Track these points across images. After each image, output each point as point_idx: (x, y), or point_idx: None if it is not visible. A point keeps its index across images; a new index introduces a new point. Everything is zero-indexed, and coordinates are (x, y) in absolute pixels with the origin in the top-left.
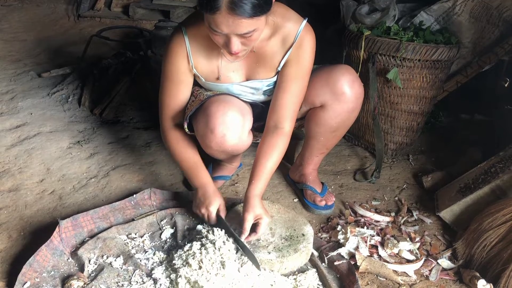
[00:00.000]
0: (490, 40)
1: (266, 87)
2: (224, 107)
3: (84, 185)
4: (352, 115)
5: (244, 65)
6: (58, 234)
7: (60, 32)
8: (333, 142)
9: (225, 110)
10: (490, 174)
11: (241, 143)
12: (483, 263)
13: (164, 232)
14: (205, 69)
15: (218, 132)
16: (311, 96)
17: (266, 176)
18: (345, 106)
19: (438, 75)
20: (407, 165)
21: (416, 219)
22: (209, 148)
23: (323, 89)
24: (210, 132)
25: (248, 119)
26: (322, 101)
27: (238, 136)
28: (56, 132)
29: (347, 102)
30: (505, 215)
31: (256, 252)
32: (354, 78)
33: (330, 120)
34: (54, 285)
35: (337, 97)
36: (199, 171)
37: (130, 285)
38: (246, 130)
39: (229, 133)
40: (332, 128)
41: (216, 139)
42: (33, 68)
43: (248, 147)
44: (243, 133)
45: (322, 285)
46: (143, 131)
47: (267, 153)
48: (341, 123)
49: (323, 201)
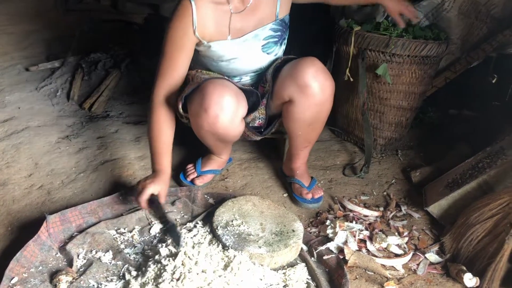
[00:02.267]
0: (478, 36)
1: (263, 40)
2: (220, 89)
3: (73, 180)
4: (323, 108)
5: (250, 17)
6: (46, 229)
7: (48, 25)
8: (313, 135)
9: (221, 92)
10: (478, 169)
11: (233, 128)
12: (469, 257)
13: (153, 227)
14: (213, 30)
15: (212, 111)
16: (280, 91)
17: None
18: (312, 99)
19: (427, 71)
20: (396, 160)
21: (405, 213)
22: (201, 129)
23: (288, 83)
24: (204, 111)
25: (242, 106)
26: (289, 95)
27: (231, 119)
28: (44, 127)
29: (313, 95)
30: (491, 210)
31: (247, 246)
32: (318, 69)
33: (301, 115)
34: (42, 280)
35: (302, 90)
36: (163, 157)
37: (119, 280)
38: (239, 115)
39: (222, 114)
40: (306, 122)
41: (209, 118)
42: (20, 61)
43: (238, 136)
44: (236, 116)
45: (311, 279)
46: (133, 125)
47: None
48: (314, 116)
49: (309, 194)
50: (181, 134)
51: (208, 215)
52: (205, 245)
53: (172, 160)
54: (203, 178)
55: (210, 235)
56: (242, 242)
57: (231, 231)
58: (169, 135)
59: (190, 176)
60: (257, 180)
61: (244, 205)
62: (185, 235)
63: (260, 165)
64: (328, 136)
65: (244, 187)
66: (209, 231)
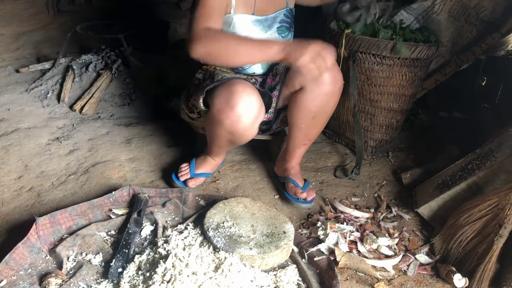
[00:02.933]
0: (468, 39)
1: (279, 24)
2: (249, 90)
3: (63, 182)
4: (331, 100)
5: (271, 1)
6: (35, 232)
7: (39, 26)
8: (314, 132)
9: (249, 93)
10: (467, 170)
11: (251, 130)
12: (459, 258)
13: (144, 229)
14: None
15: (238, 110)
16: (291, 79)
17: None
18: (323, 87)
19: (417, 73)
20: (386, 162)
21: (395, 215)
22: (221, 125)
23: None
24: (229, 108)
25: (263, 112)
26: (301, 83)
27: (253, 121)
28: (34, 129)
29: (324, 83)
30: (480, 211)
31: (238, 248)
32: (334, 62)
33: (309, 103)
34: (32, 282)
35: (315, 79)
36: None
37: (109, 282)
38: (259, 120)
39: (247, 115)
40: (312, 113)
41: (233, 116)
42: (11, 63)
43: (250, 138)
44: (257, 120)
45: (302, 281)
46: (124, 127)
47: None
48: (320, 107)
49: (304, 193)
50: (175, 134)
51: (199, 217)
52: (196, 247)
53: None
54: (195, 180)
55: (201, 237)
56: (233, 244)
57: (222, 233)
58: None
59: (184, 176)
60: (248, 182)
61: (235, 206)
62: (176, 238)
63: (251, 167)
64: (320, 138)
65: (236, 189)
66: (200, 233)
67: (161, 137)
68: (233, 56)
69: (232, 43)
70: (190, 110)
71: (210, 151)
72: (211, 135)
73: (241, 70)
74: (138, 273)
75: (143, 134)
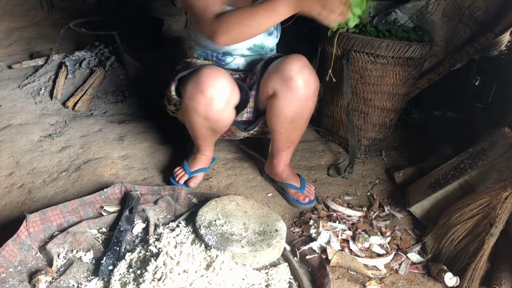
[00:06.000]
0: (461, 39)
1: None
2: (216, 74)
3: (55, 179)
4: (306, 104)
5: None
6: (26, 229)
7: (32, 22)
8: (295, 135)
9: (217, 76)
10: (459, 170)
11: (225, 114)
12: (450, 257)
13: (135, 226)
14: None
15: (208, 93)
16: (265, 84)
17: None
18: (295, 92)
19: (411, 72)
20: (379, 161)
21: (388, 214)
22: (194, 113)
23: (273, 76)
24: (200, 93)
25: (235, 93)
26: (273, 88)
27: (225, 104)
28: (26, 125)
29: (296, 89)
30: (472, 210)
31: (229, 246)
32: (304, 64)
33: (284, 109)
34: (21, 280)
35: (286, 83)
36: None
37: (100, 279)
38: (232, 102)
39: (218, 98)
40: (288, 118)
41: (204, 100)
42: (3, 59)
43: (227, 125)
44: (229, 102)
45: (293, 279)
46: (117, 124)
47: None
48: (297, 112)
49: (306, 197)
50: (168, 132)
51: (191, 214)
52: (188, 244)
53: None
54: (195, 178)
55: (192, 235)
56: (225, 242)
57: (214, 231)
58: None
59: (182, 179)
60: (241, 180)
61: (228, 204)
62: (168, 235)
63: (244, 165)
64: (313, 137)
65: (228, 186)
66: (191, 231)
67: (154, 134)
68: (253, 29)
69: (243, 22)
70: (168, 102)
71: (198, 147)
72: (190, 125)
73: (224, 65)
74: (129, 270)
75: (136, 131)
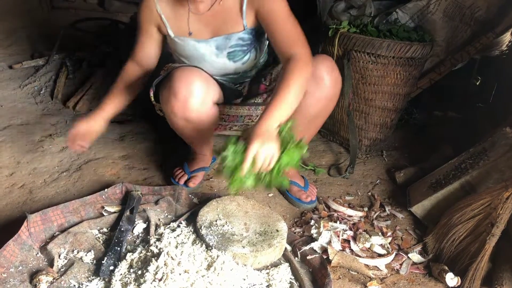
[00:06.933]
0: (462, 39)
1: (229, 48)
2: (188, 74)
3: (56, 179)
4: (330, 103)
5: (211, 23)
6: (27, 229)
7: (33, 23)
8: (311, 133)
9: (189, 76)
10: (460, 170)
11: (205, 111)
12: (451, 257)
13: (136, 226)
14: (173, 25)
15: (181, 96)
16: None
17: (279, 102)
18: (325, 91)
19: (412, 72)
20: (380, 161)
21: (388, 214)
22: (174, 116)
23: None
24: (173, 96)
25: (212, 88)
26: None
27: (201, 101)
28: (27, 125)
29: (326, 88)
30: (473, 210)
31: (230, 246)
32: (333, 65)
33: (310, 107)
34: (22, 280)
35: (317, 82)
36: (107, 97)
37: (100, 280)
38: (210, 97)
39: (192, 98)
40: (311, 116)
41: (179, 103)
42: (4, 59)
43: (212, 122)
44: (206, 98)
45: (294, 279)
46: (117, 124)
47: (284, 78)
48: (321, 110)
49: (308, 197)
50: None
51: (192, 214)
52: (189, 245)
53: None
54: (195, 179)
55: (193, 235)
56: (225, 242)
57: (214, 231)
58: (126, 82)
59: (182, 179)
60: None
61: (229, 205)
62: (168, 236)
63: None
64: (314, 137)
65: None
66: (192, 231)
67: (154, 134)
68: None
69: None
70: (154, 106)
71: (194, 149)
72: (174, 128)
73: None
74: (130, 271)
75: (136, 131)
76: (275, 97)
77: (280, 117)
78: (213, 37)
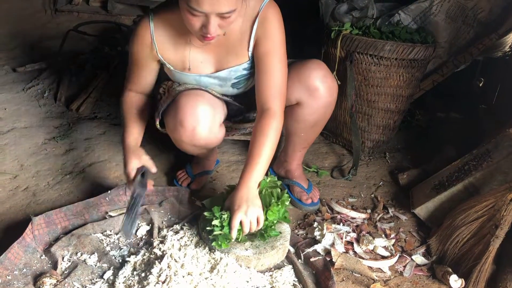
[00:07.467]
0: (465, 40)
1: (234, 80)
2: (193, 100)
3: (59, 182)
4: (328, 110)
5: (213, 55)
6: (31, 231)
7: (36, 26)
8: (314, 136)
9: (195, 103)
10: (464, 171)
11: (213, 136)
12: (455, 259)
13: (140, 228)
14: (172, 58)
15: (188, 125)
16: (286, 94)
17: (255, 163)
18: (320, 101)
19: (415, 74)
20: (383, 163)
21: (392, 216)
22: (181, 143)
23: (296, 86)
24: (180, 125)
25: (219, 112)
26: (297, 99)
27: (209, 129)
28: (31, 128)
29: (321, 97)
30: (477, 212)
31: (233, 248)
32: (326, 72)
33: (308, 117)
34: (26, 282)
35: (311, 93)
36: (128, 130)
37: (104, 282)
38: (217, 122)
39: (199, 126)
40: (311, 124)
41: (186, 132)
42: (7, 62)
43: (221, 140)
44: (213, 125)
45: (297, 281)
46: (120, 127)
47: (257, 139)
48: (319, 118)
49: (309, 199)
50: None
51: (195, 217)
52: (192, 247)
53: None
54: (198, 181)
55: (196, 237)
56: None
57: None
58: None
59: (185, 182)
60: None
61: None
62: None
63: None
64: (317, 139)
65: None
66: (196, 233)
67: (158, 136)
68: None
69: (121, 115)
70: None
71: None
72: (182, 150)
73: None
74: (133, 273)
75: None
76: (249, 159)
77: (258, 177)
78: (216, 71)
